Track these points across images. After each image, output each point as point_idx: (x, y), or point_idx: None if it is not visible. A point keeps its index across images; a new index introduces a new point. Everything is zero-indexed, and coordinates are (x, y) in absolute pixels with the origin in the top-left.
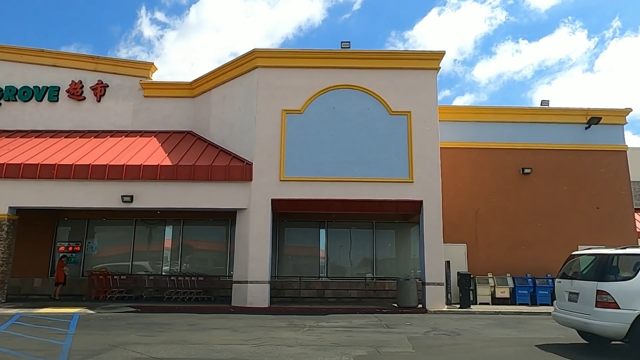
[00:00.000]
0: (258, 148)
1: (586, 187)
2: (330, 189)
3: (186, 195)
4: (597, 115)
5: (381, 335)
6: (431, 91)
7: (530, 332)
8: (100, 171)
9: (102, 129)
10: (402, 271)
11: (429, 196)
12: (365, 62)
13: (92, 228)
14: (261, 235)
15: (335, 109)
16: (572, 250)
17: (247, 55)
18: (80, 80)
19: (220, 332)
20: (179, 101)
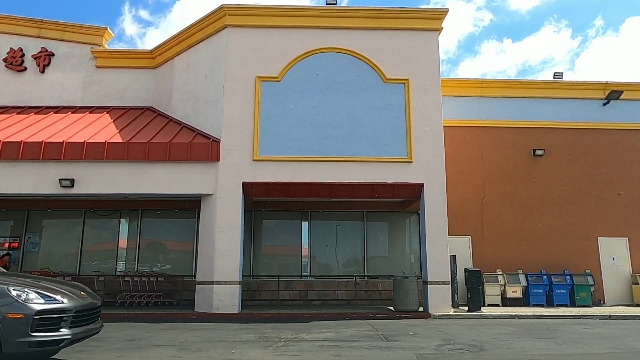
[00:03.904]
0: (227, 122)
1: (605, 170)
2: (314, 170)
3: (139, 179)
4: (618, 90)
5: (380, 352)
6: (432, 55)
7: (574, 345)
8: (33, 150)
9: (46, 104)
10: (398, 268)
11: (431, 178)
12: (354, 21)
13: (33, 221)
14: (230, 226)
15: (319, 75)
16: (591, 242)
17: (214, 13)
18: (20, 47)
19: (162, 351)
20: (137, 72)
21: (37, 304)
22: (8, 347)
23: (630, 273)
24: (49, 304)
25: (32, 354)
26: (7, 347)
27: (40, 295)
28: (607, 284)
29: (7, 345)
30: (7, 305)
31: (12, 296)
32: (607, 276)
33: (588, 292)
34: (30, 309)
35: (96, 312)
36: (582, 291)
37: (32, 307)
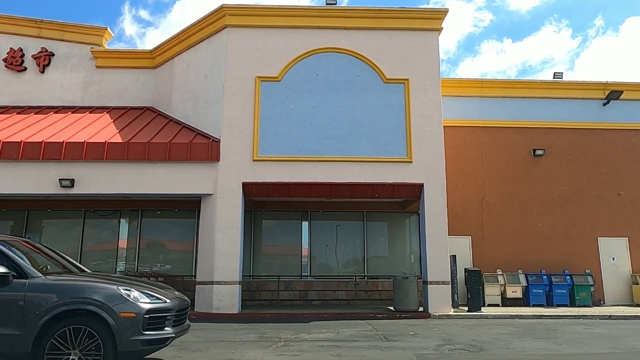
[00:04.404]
0: (227, 122)
1: (605, 170)
2: (314, 170)
3: (139, 179)
4: (617, 89)
5: (380, 352)
6: (432, 55)
7: (573, 345)
8: (34, 150)
9: (46, 104)
10: (398, 268)
11: (431, 178)
12: (354, 21)
13: (33, 221)
14: (230, 225)
15: (319, 75)
16: (591, 242)
17: (214, 13)
18: (20, 47)
19: (161, 351)
20: (137, 72)
21: (145, 303)
22: (122, 345)
23: (630, 273)
24: (155, 303)
25: (141, 352)
26: (122, 345)
27: (145, 294)
28: (607, 284)
29: (122, 344)
30: (119, 304)
31: (123, 295)
32: (607, 276)
33: (588, 292)
34: (141, 307)
35: (187, 312)
36: (582, 291)
37: (142, 306)
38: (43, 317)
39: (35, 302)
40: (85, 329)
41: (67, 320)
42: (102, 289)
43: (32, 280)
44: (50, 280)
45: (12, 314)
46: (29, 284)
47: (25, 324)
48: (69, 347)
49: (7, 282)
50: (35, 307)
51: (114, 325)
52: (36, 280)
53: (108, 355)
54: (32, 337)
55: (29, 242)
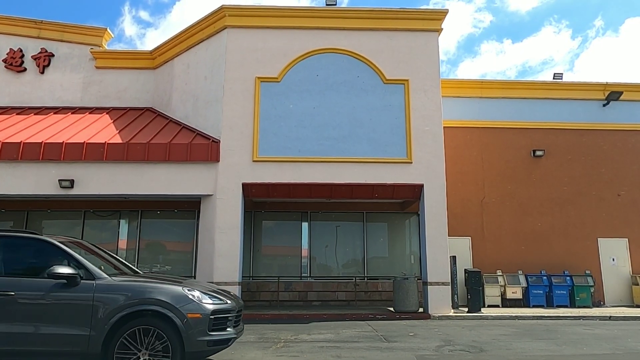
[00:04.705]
0: (226, 123)
1: (605, 171)
2: (313, 171)
3: (139, 180)
4: (617, 90)
5: (380, 353)
6: (432, 56)
7: (574, 346)
8: (33, 150)
9: (45, 104)
10: (398, 269)
11: (431, 179)
12: (354, 21)
13: (32, 221)
14: (230, 226)
15: (318, 76)
16: (591, 243)
17: (214, 14)
18: (19, 48)
19: None
20: (137, 73)
21: (209, 304)
22: (190, 346)
23: (630, 274)
24: (218, 304)
25: (205, 353)
26: (189, 346)
27: (207, 295)
28: (607, 284)
29: (190, 344)
30: (186, 305)
31: (188, 296)
32: (607, 277)
33: (588, 293)
34: (206, 309)
35: (242, 313)
36: (582, 292)
37: (208, 307)
38: (112, 318)
39: (104, 303)
40: (154, 329)
41: (135, 321)
42: (168, 290)
43: (99, 282)
44: (116, 281)
45: (82, 315)
46: (97, 285)
47: (94, 325)
48: (138, 348)
49: (76, 283)
50: (104, 308)
51: (181, 326)
52: (103, 281)
53: (176, 355)
54: (102, 337)
55: (82, 242)
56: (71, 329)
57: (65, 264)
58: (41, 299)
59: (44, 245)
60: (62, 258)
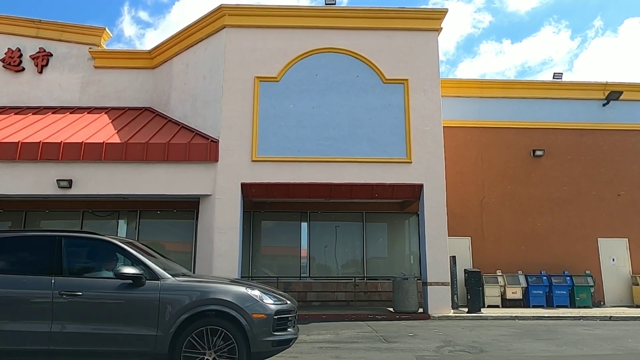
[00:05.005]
0: (225, 122)
1: (605, 171)
2: (313, 171)
3: (138, 180)
4: (617, 90)
5: (380, 354)
6: (432, 56)
7: (574, 347)
8: (31, 150)
9: (44, 104)
10: (397, 269)
11: (431, 178)
12: (353, 21)
13: (31, 222)
14: (229, 226)
15: (318, 76)
16: (591, 243)
17: (213, 13)
18: (18, 47)
19: None
20: (135, 73)
21: (271, 304)
22: (255, 347)
23: (631, 274)
24: (279, 305)
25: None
26: (255, 347)
27: (268, 295)
28: (607, 284)
29: (255, 345)
30: (250, 305)
31: (252, 296)
32: (607, 277)
33: (588, 293)
34: (270, 309)
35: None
36: (582, 292)
37: (271, 307)
38: (179, 318)
39: (170, 303)
40: (221, 330)
41: (200, 322)
42: (232, 290)
43: (164, 282)
44: (180, 282)
45: (149, 315)
46: (162, 285)
47: (161, 325)
48: (205, 348)
49: (142, 284)
50: (171, 308)
51: (247, 327)
52: (168, 282)
53: (242, 356)
54: (170, 337)
55: (133, 242)
56: (139, 329)
57: (129, 265)
58: (108, 299)
59: (106, 246)
60: (124, 258)
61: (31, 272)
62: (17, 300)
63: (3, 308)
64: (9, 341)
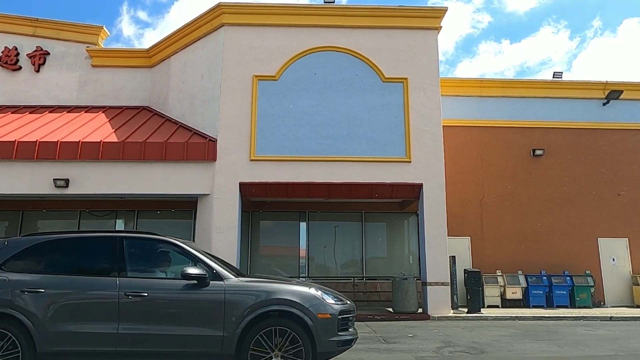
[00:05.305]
0: (224, 121)
1: (605, 170)
2: (312, 170)
3: (135, 179)
4: (617, 89)
5: (379, 355)
6: (431, 54)
7: (575, 347)
8: (28, 149)
9: (41, 103)
10: (397, 269)
11: (431, 178)
12: (353, 19)
13: (28, 221)
14: (227, 226)
15: (317, 74)
16: (591, 243)
17: (211, 12)
18: (15, 46)
19: None
20: (133, 72)
21: (334, 304)
22: (321, 347)
23: (631, 274)
24: (341, 305)
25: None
26: (321, 347)
27: (329, 295)
28: (607, 285)
29: (321, 345)
30: (315, 305)
31: (317, 296)
32: (607, 277)
33: (588, 293)
34: (334, 309)
35: None
36: (582, 292)
37: (335, 307)
38: (245, 319)
39: (235, 303)
40: (287, 330)
41: (264, 322)
42: (296, 290)
43: (227, 282)
44: (244, 282)
45: (215, 316)
46: (227, 285)
47: (227, 326)
48: (272, 348)
49: (206, 284)
50: (236, 309)
51: (313, 327)
52: (231, 282)
53: (308, 356)
54: (236, 338)
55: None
56: (205, 330)
57: (193, 265)
58: (173, 300)
59: (167, 246)
60: (186, 259)
61: (94, 273)
62: (84, 301)
63: (70, 309)
64: (77, 343)
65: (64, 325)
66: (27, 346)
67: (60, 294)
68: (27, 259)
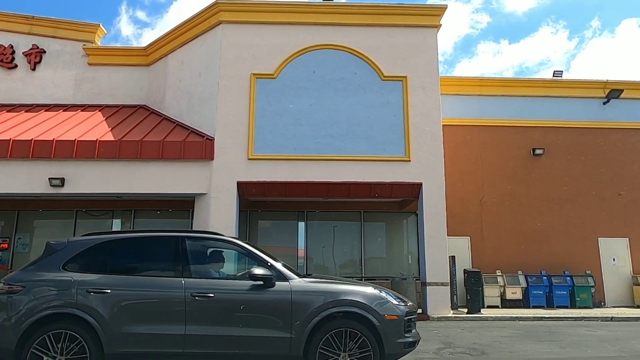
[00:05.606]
0: (221, 120)
1: (606, 170)
2: (310, 169)
3: (132, 178)
4: (618, 88)
5: None
6: (431, 53)
7: (577, 348)
8: (23, 148)
9: (37, 102)
10: (396, 270)
11: (430, 177)
12: (351, 17)
13: (23, 221)
14: (225, 226)
15: (315, 73)
16: (591, 243)
17: (208, 9)
18: (10, 44)
19: None
20: (130, 70)
21: (401, 305)
22: (389, 348)
23: (631, 274)
24: (404, 306)
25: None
26: (388, 348)
27: (392, 296)
28: (607, 285)
29: (388, 346)
30: (382, 306)
31: (382, 297)
32: (607, 277)
33: (588, 294)
34: (401, 310)
35: None
36: (582, 292)
37: (402, 309)
38: (312, 320)
39: (302, 304)
40: (354, 331)
41: (331, 324)
42: (361, 291)
43: (293, 283)
44: (309, 283)
45: (282, 317)
46: (293, 286)
47: (295, 327)
48: (338, 350)
49: (272, 285)
50: (304, 310)
51: (381, 328)
52: (296, 283)
53: (376, 358)
54: (304, 340)
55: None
56: (272, 332)
57: (258, 265)
58: (239, 301)
59: (229, 246)
60: (248, 259)
61: (158, 273)
62: (151, 302)
63: (137, 310)
64: (144, 344)
65: (131, 326)
66: (95, 347)
67: (126, 294)
68: (89, 259)
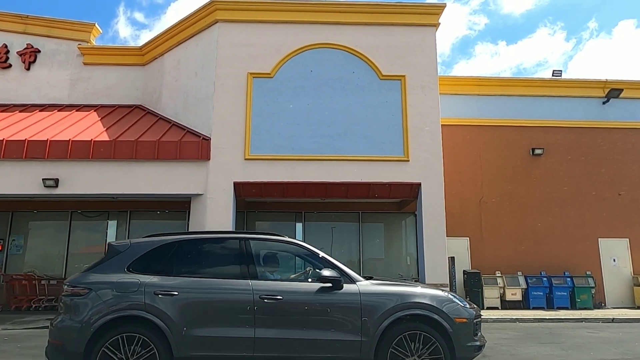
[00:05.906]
0: (217, 120)
1: (605, 170)
2: (308, 169)
3: (127, 179)
4: (617, 87)
5: None
6: (429, 52)
7: (580, 350)
8: (16, 148)
9: (31, 102)
10: (394, 271)
11: (429, 177)
12: (350, 16)
13: (17, 222)
14: (221, 227)
15: (313, 72)
16: (592, 243)
17: (204, 8)
18: (4, 43)
19: None
20: (126, 70)
21: (468, 307)
22: (460, 352)
23: (632, 274)
24: (473, 309)
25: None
26: (460, 352)
27: (457, 299)
28: (608, 285)
29: (459, 350)
30: (453, 309)
31: (450, 299)
32: (608, 278)
33: (589, 294)
34: (470, 313)
35: None
36: (582, 293)
37: (471, 312)
38: (382, 323)
39: (371, 307)
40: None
41: (400, 327)
42: (430, 293)
43: (360, 285)
44: (377, 285)
45: (351, 320)
46: (361, 288)
47: (365, 330)
48: (412, 352)
49: (340, 287)
50: (373, 313)
51: (451, 331)
52: (364, 285)
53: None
54: (375, 343)
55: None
56: (342, 335)
57: (327, 268)
58: (308, 304)
59: (294, 248)
60: (314, 261)
61: (224, 275)
62: (219, 304)
63: (205, 313)
64: (214, 347)
65: (200, 329)
66: (164, 351)
67: (195, 297)
68: (153, 260)
